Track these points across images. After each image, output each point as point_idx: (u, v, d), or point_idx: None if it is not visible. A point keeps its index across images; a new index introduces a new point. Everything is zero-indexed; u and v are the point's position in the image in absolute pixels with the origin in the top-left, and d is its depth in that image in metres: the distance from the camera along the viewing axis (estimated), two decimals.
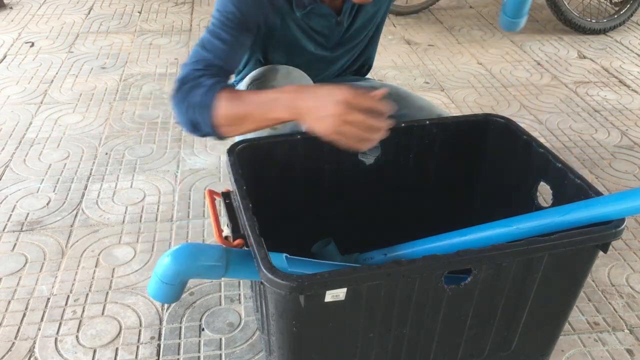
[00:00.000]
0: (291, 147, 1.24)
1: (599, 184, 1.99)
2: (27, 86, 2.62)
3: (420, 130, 1.37)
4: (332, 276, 0.90)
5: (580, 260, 1.09)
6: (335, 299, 0.93)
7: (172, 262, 0.98)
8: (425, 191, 1.46)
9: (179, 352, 1.35)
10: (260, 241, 0.94)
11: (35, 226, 1.75)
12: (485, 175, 1.45)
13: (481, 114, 1.42)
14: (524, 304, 1.11)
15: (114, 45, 3.10)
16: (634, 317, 1.47)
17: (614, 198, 1.02)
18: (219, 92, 1.06)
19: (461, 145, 1.42)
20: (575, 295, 1.17)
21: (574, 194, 1.17)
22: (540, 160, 1.27)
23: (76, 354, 1.33)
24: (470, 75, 2.82)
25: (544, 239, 1.00)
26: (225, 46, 1.14)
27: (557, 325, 1.22)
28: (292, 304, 0.93)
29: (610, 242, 1.05)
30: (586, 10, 3.41)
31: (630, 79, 2.83)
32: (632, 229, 1.78)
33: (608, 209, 1.01)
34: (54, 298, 1.49)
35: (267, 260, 0.90)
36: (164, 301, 1.02)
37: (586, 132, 2.34)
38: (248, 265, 0.99)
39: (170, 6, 3.71)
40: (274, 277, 0.88)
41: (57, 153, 2.11)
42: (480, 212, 1.51)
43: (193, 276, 1.00)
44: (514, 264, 1.02)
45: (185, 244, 1.00)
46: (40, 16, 3.50)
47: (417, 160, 1.41)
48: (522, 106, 2.54)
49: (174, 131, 2.27)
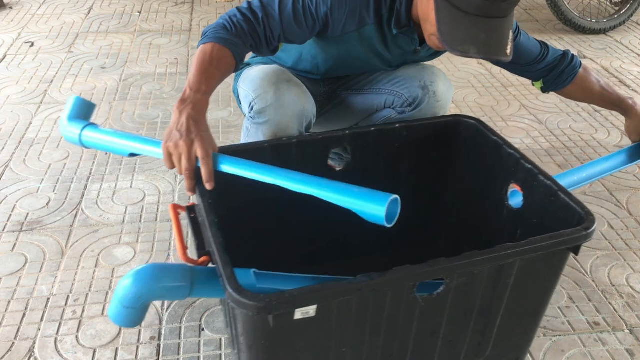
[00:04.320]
0: (258, 156, 1.21)
1: (599, 184, 1.99)
2: (27, 86, 2.62)
3: (390, 133, 1.35)
4: (301, 294, 0.87)
5: (552, 263, 1.08)
6: (306, 316, 0.90)
7: (133, 285, 0.94)
8: (398, 195, 1.44)
9: (179, 352, 1.34)
10: (226, 258, 0.91)
11: (35, 226, 1.75)
12: (457, 177, 1.44)
13: (450, 115, 1.42)
14: (497, 309, 1.10)
15: (113, 45, 3.10)
16: (634, 317, 1.47)
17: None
18: (207, 44, 1.23)
19: (432, 148, 1.40)
20: (548, 298, 1.16)
21: (544, 194, 1.16)
22: (510, 161, 1.26)
23: (76, 354, 1.33)
24: (470, 75, 2.82)
25: (515, 245, 0.98)
26: (282, 26, 1.29)
27: (531, 328, 1.21)
28: (260, 323, 0.90)
29: (581, 245, 1.04)
30: (586, 10, 3.41)
31: (630, 79, 2.83)
32: (632, 229, 1.78)
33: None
34: (54, 298, 1.49)
35: (233, 279, 0.87)
36: (125, 325, 0.99)
37: (586, 132, 2.34)
38: (214, 284, 0.95)
39: (170, 6, 3.71)
40: (241, 297, 0.84)
41: (57, 153, 2.11)
42: (453, 213, 1.50)
43: (156, 298, 0.97)
44: (486, 271, 1.01)
45: (148, 264, 0.97)
46: (40, 16, 3.50)
47: (388, 164, 1.39)
48: (522, 106, 2.54)
49: None
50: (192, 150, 1.08)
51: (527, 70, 1.53)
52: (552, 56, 1.51)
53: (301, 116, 1.39)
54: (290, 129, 1.39)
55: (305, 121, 1.42)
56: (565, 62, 1.51)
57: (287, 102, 1.37)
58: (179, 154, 1.09)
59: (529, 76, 1.56)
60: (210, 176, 1.09)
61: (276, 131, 1.39)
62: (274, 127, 1.38)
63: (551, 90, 1.57)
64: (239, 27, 1.26)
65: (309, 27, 1.32)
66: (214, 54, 1.21)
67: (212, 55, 1.21)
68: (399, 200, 1.00)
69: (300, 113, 1.39)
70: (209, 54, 1.21)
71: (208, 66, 1.20)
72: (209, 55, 1.21)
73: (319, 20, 1.31)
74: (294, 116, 1.38)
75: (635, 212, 1.87)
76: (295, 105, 1.37)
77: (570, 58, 1.52)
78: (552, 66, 1.51)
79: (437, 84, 1.50)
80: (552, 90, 1.58)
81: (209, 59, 1.21)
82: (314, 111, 1.44)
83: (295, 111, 1.38)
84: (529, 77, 1.57)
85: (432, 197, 1.49)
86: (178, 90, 2.61)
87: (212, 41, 1.23)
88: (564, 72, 1.52)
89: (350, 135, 1.33)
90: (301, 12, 1.29)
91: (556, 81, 1.54)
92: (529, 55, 1.49)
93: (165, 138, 1.11)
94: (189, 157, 1.08)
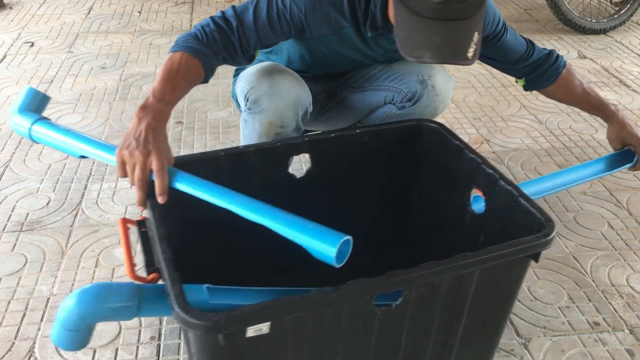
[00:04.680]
0: (215, 165, 1.17)
1: (599, 184, 1.99)
2: (27, 86, 2.62)
3: (351, 139, 1.33)
4: (252, 311, 0.83)
5: (512, 271, 1.07)
6: (259, 333, 0.87)
7: (76, 306, 0.89)
8: (363, 202, 1.42)
9: (179, 352, 1.34)
10: (175, 275, 0.87)
11: (35, 226, 1.75)
12: (423, 182, 1.42)
13: (413, 120, 1.40)
14: (458, 318, 1.08)
15: (113, 45, 3.10)
16: (634, 317, 1.47)
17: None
18: (177, 52, 1.21)
19: (396, 153, 1.38)
20: (511, 305, 1.14)
21: (505, 200, 1.14)
22: (472, 166, 1.24)
23: (76, 354, 1.33)
24: (470, 75, 2.82)
25: (473, 254, 0.96)
26: (257, 34, 1.28)
27: (494, 335, 1.19)
28: (211, 342, 0.86)
29: (540, 252, 1.02)
30: (586, 10, 3.41)
31: (631, 79, 2.83)
32: (632, 229, 1.78)
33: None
34: (54, 298, 1.49)
35: (181, 297, 0.83)
36: (69, 349, 0.94)
37: (586, 132, 2.34)
38: (163, 302, 0.90)
39: (170, 6, 3.71)
40: (188, 316, 0.81)
41: (57, 153, 2.11)
42: (422, 217, 1.48)
43: (101, 319, 0.92)
44: (445, 281, 0.99)
45: (92, 284, 0.93)
46: (40, 16, 3.50)
47: (351, 171, 1.37)
48: (522, 106, 2.54)
49: (173, 131, 2.27)
50: (148, 162, 1.05)
51: (512, 68, 1.52)
52: (537, 55, 1.49)
53: (296, 104, 1.39)
54: (286, 117, 1.38)
55: (301, 109, 1.41)
56: (549, 61, 1.50)
57: (282, 90, 1.36)
58: (133, 164, 1.05)
59: (513, 74, 1.55)
60: (164, 190, 1.04)
61: (272, 119, 1.38)
62: (270, 115, 1.37)
63: (533, 88, 1.56)
64: (211, 37, 1.24)
65: (284, 32, 1.30)
66: (182, 63, 1.19)
67: (180, 64, 1.19)
68: (351, 241, 0.95)
69: (295, 101, 1.38)
70: (177, 63, 1.19)
71: (175, 75, 1.17)
72: (176, 65, 1.19)
73: (294, 25, 1.30)
74: (290, 104, 1.37)
75: (635, 212, 1.87)
76: (290, 92, 1.36)
77: (555, 58, 1.50)
78: (536, 65, 1.50)
79: (436, 78, 1.49)
80: (534, 89, 1.57)
81: (177, 68, 1.18)
82: (309, 99, 1.44)
83: (291, 99, 1.37)
84: (513, 74, 1.56)
85: (400, 202, 1.46)
86: None
87: (181, 50, 1.21)
88: (546, 72, 1.50)
89: (310, 142, 1.29)
90: (276, 18, 1.27)
91: (538, 80, 1.53)
92: (514, 53, 1.48)
93: (120, 145, 1.08)
94: (143, 167, 1.04)
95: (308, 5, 1.27)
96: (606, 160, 1.54)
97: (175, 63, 1.19)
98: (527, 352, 1.36)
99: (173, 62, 1.19)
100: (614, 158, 1.55)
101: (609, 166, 1.53)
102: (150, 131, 1.07)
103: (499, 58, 1.49)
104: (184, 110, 2.43)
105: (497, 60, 1.50)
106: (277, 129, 1.40)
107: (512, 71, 1.54)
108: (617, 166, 1.52)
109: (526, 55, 1.48)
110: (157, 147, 1.06)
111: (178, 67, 1.18)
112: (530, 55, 1.49)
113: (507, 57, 1.48)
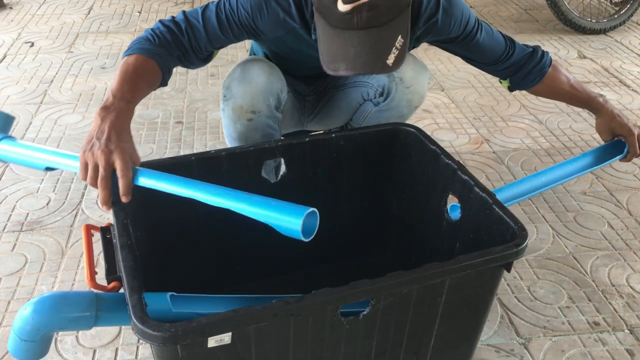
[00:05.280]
0: (185, 169, 1.15)
1: (599, 184, 1.99)
2: (27, 86, 2.62)
3: (326, 143, 1.31)
4: (211, 321, 0.81)
5: (484, 281, 1.05)
6: (221, 343, 0.84)
7: (31, 316, 0.87)
8: (339, 207, 1.40)
9: None
10: (134, 284, 0.86)
11: (35, 226, 1.75)
12: (400, 187, 1.41)
13: (390, 124, 1.38)
14: (430, 328, 1.06)
15: (113, 45, 3.10)
16: (634, 317, 1.47)
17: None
18: (131, 55, 1.20)
19: (373, 157, 1.37)
20: (485, 314, 1.12)
21: (479, 207, 1.13)
22: (448, 172, 1.22)
23: (76, 354, 1.33)
24: (470, 75, 2.82)
25: (442, 264, 0.95)
26: (207, 37, 1.27)
27: (468, 345, 1.17)
28: (171, 352, 0.84)
29: (512, 262, 1.00)
30: (586, 10, 3.41)
31: (631, 79, 2.83)
32: (632, 229, 1.78)
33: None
34: None
35: (138, 307, 0.81)
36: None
37: (586, 132, 2.34)
38: (123, 311, 0.88)
39: (170, 6, 3.71)
40: (144, 327, 0.79)
41: None
42: (399, 223, 1.46)
43: (57, 329, 0.90)
44: (414, 291, 0.97)
45: (48, 293, 0.91)
46: (40, 16, 3.50)
47: (327, 176, 1.35)
48: (522, 106, 2.54)
49: (173, 131, 2.27)
50: (110, 160, 1.02)
51: (493, 69, 1.47)
52: (519, 55, 1.43)
53: (266, 90, 1.38)
54: (256, 101, 1.37)
55: (272, 97, 1.40)
56: (534, 61, 1.44)
57: (252, 76, 1.36)
58: (94, 163, 1.02)
59: (496, 74, 1.51)
60: (128, 189, 1.01)
61: (242, 104, 1.37)
62: (239, 100, 1.37)
63: (518, 89, 1.52)
64: (162, 37, 1.24)
65: (235, 35, 1.29)
66: (137, 64, 1.18)
67: (135, 66, 1.18)
68: (317, 213, 0.94)
69: (265, 87, 1.37)
70: (132, 65, 1.18)
71: (132, 76, 1.16)
72: (132, 66, 1.17)
73: (244, 28, 1.28)
74: (259, 89, 1.37)
75: (635, 212, 1.87)
76: (260, 78, 1.36)
77: (540, 57, 1.44)
78: (519, 65, 1.44)
79: (404, 69, 1.43)
80: (520, 89, 1.52)
81: (132, 69, 1.17)
82: (281, 87, 1.42)
83: (260, 84, 1.36)
84: (496, 75, 1.51)
85: (378, 207, 1.45)
86: (178, 90, 2.61)
87: (135, 53, 1.20)
88: (531, 72, 1.45)
89: (284, 147, 1.28)
90: (225, 22, 1.27)
91: (523, 80, 1.48)
92: (491, 53, 1.42)
93: (83, 147, 1.05)
94: (105, 166, 1.01)
95: (255, 9, 1.26)
96: (597, 153, 1.53)
97: (130, 65, 1.18)
98: (527, 352, 1.36)
99: (128, 64, 1.18)
100: (605, 150, 1.53)
101: (601, 158, 1.51)
102: (114, 130, 1.05)
103: (475, 58, 1.44)
104: (184, 110, 2.44)
105: (475, 60, 1.45)
106: (248, 114, 1.39)
107: (494, 72, 1.49)
108: (608, 158, 1.51)
109: (505, 55, 1.42)
110: (120, 147, 1.03)
111: (134, 69, 1.17)
112: (509, 55, 1.43)
113: (484, 57, 1.43)
